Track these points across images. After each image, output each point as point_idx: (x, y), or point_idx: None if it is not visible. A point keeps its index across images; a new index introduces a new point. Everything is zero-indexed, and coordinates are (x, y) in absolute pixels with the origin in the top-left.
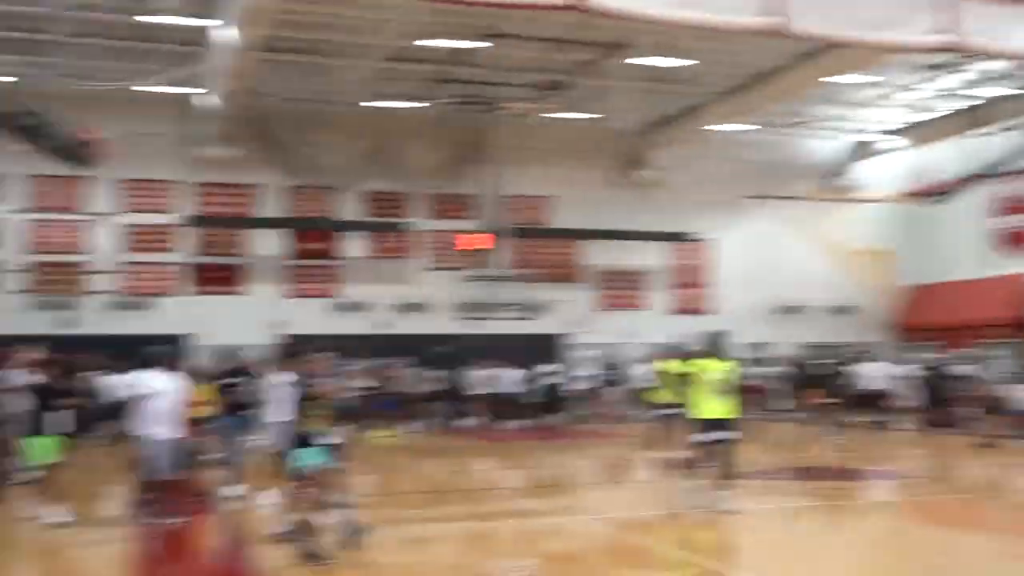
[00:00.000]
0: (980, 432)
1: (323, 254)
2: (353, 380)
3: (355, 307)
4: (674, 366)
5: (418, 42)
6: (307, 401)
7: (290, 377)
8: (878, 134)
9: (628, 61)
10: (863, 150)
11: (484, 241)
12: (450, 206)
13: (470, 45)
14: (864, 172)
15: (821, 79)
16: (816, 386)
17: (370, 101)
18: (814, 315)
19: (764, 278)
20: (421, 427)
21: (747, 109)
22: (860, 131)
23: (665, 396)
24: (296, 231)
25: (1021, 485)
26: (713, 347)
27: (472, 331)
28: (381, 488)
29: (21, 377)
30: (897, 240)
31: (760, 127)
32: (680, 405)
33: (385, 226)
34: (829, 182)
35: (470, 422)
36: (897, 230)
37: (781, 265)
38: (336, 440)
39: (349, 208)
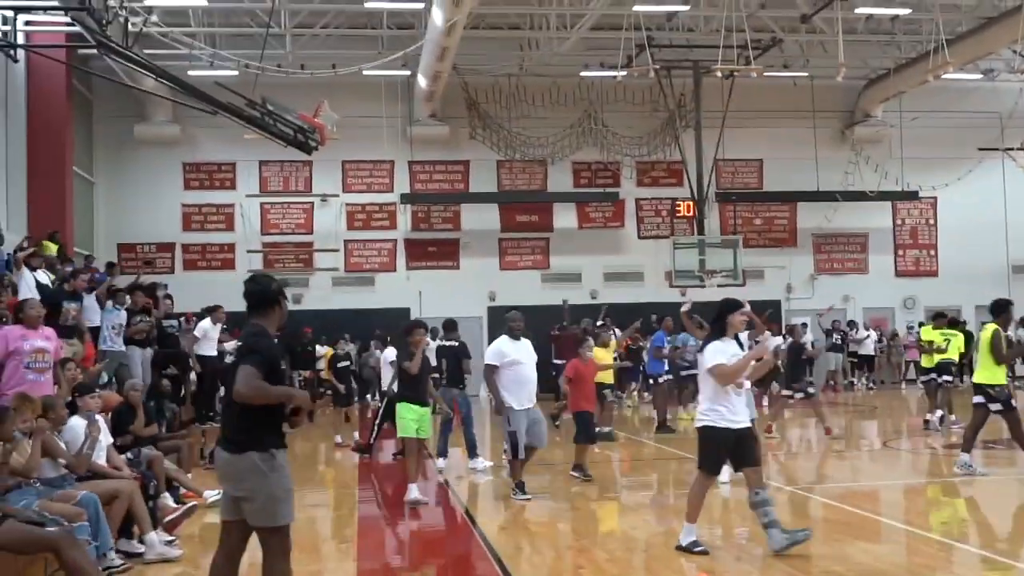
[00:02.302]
0: None
1: (534, 227)
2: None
3: (566, 277)
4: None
5: (623, 9)
6: None
7: None
8: None
9: (845, 13)
10: None
11: (694, 207)
12: (659, 173)
13: (676, 8)
14: None
15: None
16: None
17: (577, 72)
18: None
19: (995, 236)
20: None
21: (974, 56)
22: None
23: (931, 362)
24: (507, 204)
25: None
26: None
27: (685, 299)
28: None
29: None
30: None
31: (989, 75)
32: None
33: (595, 196)
34: None
35: None
36: None
37: (1014, 222)
38: None
39: (558, 180)
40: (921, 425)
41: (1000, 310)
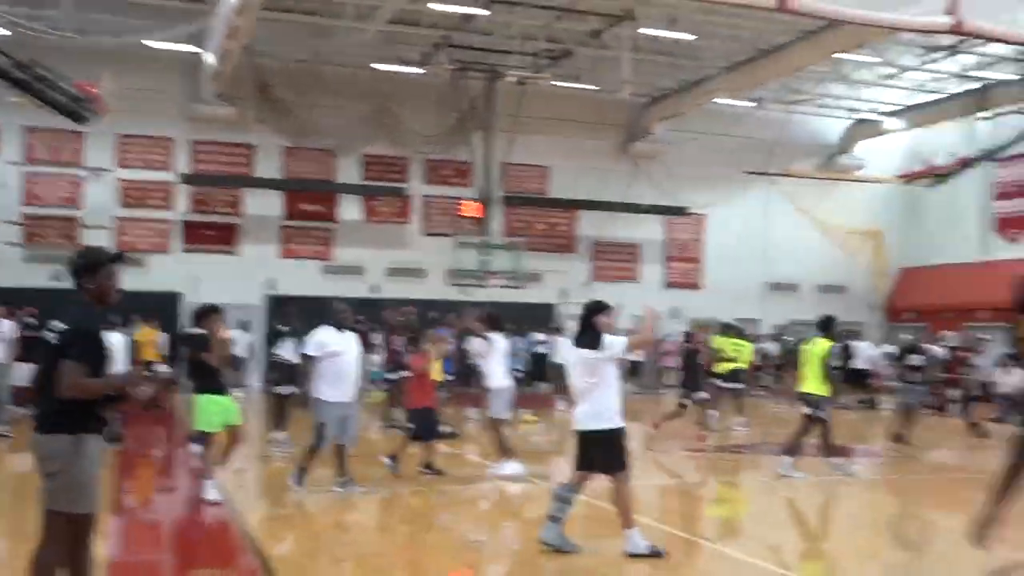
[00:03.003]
0: (968, 415)
1: (318, 216)
2: None
3: (348, 270)
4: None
5: (421, 6)
6: None
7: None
8: (878, 114)
9: (632, 32)
10: (863, 130)
11: (479, 208)
12: (448, 172)
13: (474, 11)
14: (863, 152)
15: (823, 57)
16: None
17: (372, 64)
18: (805, 293)
19: (757, 255)
20: None
21: (748, 85)
22: (860, 111)
23: (723, 369)
24: (292, 192)
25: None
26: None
27: (465, 298)
28: None
29: None
30: (892, 221)
31: (761, 104)
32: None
33: (382, 190)
34: (827, 161)
35: None
36: (893, 211)
37: (774, 242)
38: None
39: (346, 171)
40: (691, 429)
41: (829, 326)
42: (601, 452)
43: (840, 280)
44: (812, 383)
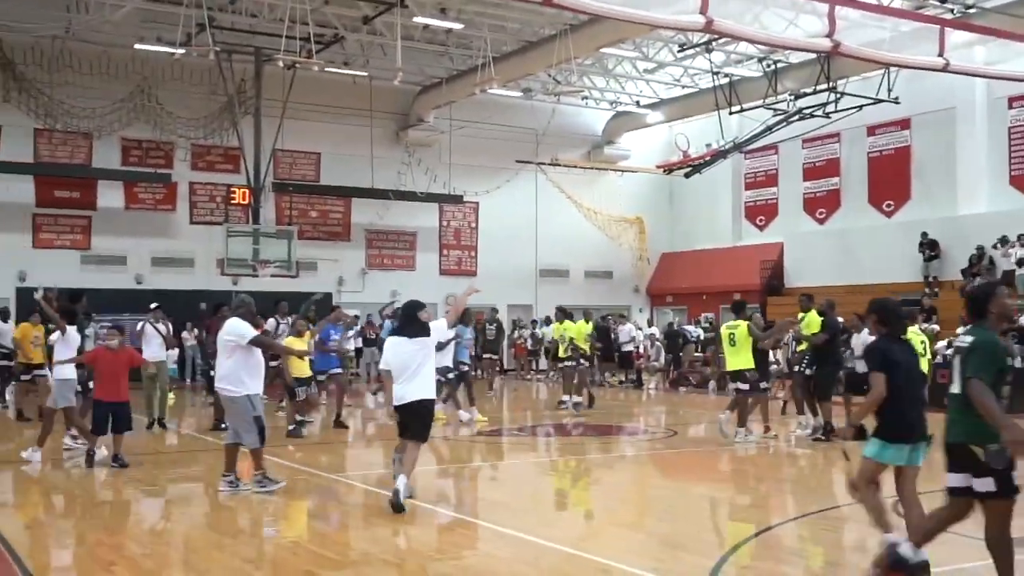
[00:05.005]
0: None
1: (75, 203)
2: None
3: (109, 260)
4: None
5: None
6: None
7: None
8: (639, 107)
9: (403, 20)
10: (626, 122)
11: (249, 195)
12: (215, 158)
13: None
14: (627, 143)
15: (588, 51)
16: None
17: (131, 43)
18: (574, 278)
19: (528, 242)
20: None
21: (517, 75)
22: (623, 103)
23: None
24: (44, 177)
25: (752, 442)
26: None
27: (238, 288)
28: None
29: None
30: (653, 209)
31: (529, 94)
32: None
33: (145, 176)
34: (593, 151)
35: None
36: (654, 199)
37: (545, 229)
38: None
39: (105, 155)
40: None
41: (743, 308)
42: (419, 420)
43: (607, 265)
44: (738, 359)
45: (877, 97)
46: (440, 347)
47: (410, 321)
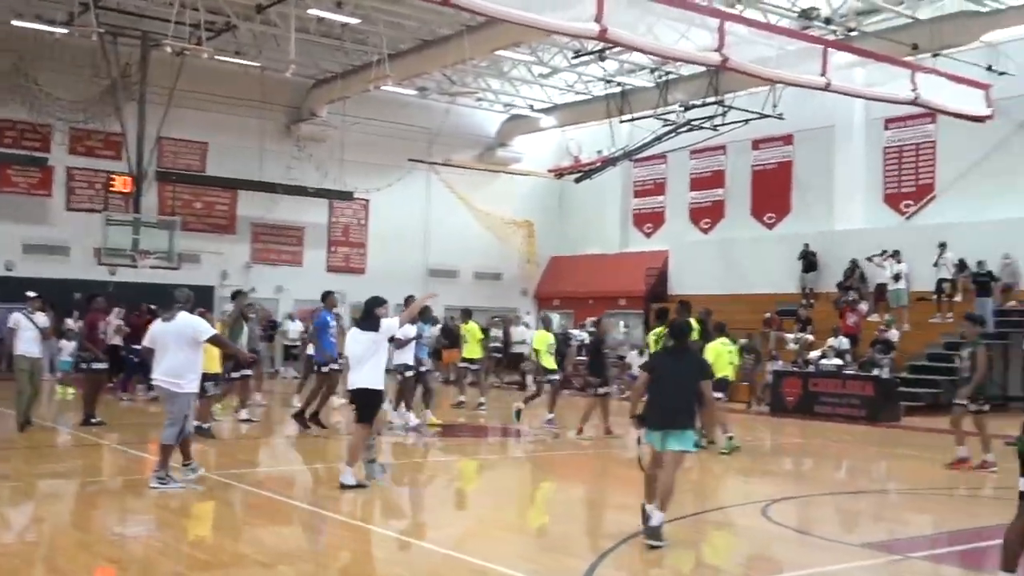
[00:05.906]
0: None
1: None
2: None
3: None
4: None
5: None
6: None
7: None
8: (533, 111)
9: (298, 11)
10: (519, 125)
11: (131, 183)
12: (96, 143)
13: None
14: (519, 146)
15: (483, 52)
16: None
17: (8, 19)
18: (463, 279)
19: (418, 241)
20: None
21: (412, 74)
22: (517, 107)
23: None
24: None
25: (631, 441)
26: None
27: (119, 279)
28: None
29: None
30: (543, 213)
31: (424, 93)
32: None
33: (20, 159)
34: (486, 153)
35: None
36: (544, 203)
37: (435, 229)
38: None
39: None
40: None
41: (665, 316)
42: (365, 405)
43: (496, 267)
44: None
45: (763, 112)
46: (400, 344)
47: (367, 315)
